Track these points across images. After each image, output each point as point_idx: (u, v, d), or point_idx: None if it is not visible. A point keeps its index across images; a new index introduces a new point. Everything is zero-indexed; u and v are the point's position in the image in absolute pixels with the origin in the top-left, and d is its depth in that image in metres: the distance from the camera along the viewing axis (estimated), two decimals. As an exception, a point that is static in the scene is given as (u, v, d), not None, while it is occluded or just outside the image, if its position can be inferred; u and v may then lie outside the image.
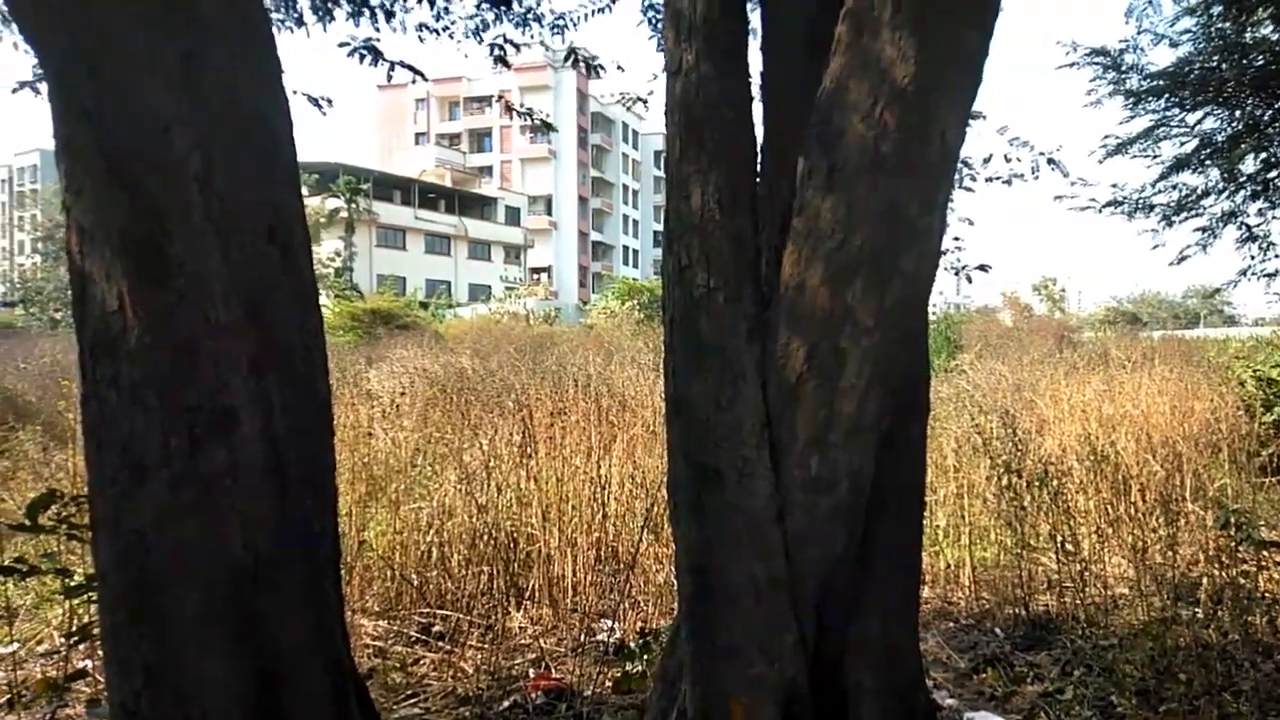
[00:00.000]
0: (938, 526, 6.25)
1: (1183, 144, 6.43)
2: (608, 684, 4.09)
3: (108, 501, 1.91)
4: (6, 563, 2.89)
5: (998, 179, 4.73)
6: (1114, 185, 6.75)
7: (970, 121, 2.73)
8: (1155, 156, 6.56)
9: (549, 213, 71.08)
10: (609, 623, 4.78)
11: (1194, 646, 4.23)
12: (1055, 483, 5.47)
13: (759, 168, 2.46)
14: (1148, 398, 8.58)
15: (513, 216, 67.75)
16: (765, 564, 2.32)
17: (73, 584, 2.78)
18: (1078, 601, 4.94)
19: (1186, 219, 6.89)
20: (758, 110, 2.48)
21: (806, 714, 2.37)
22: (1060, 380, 9.86)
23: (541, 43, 4.61)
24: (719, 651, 2.37)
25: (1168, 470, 6.60)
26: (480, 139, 72.71)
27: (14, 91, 4.35)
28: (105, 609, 1.98)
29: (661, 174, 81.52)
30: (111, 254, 1.85)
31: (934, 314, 25.05)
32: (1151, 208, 6.92)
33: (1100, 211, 6.92)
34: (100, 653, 3.93)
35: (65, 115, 1.90)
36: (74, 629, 2.84)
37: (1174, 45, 6.05)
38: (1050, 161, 4.73)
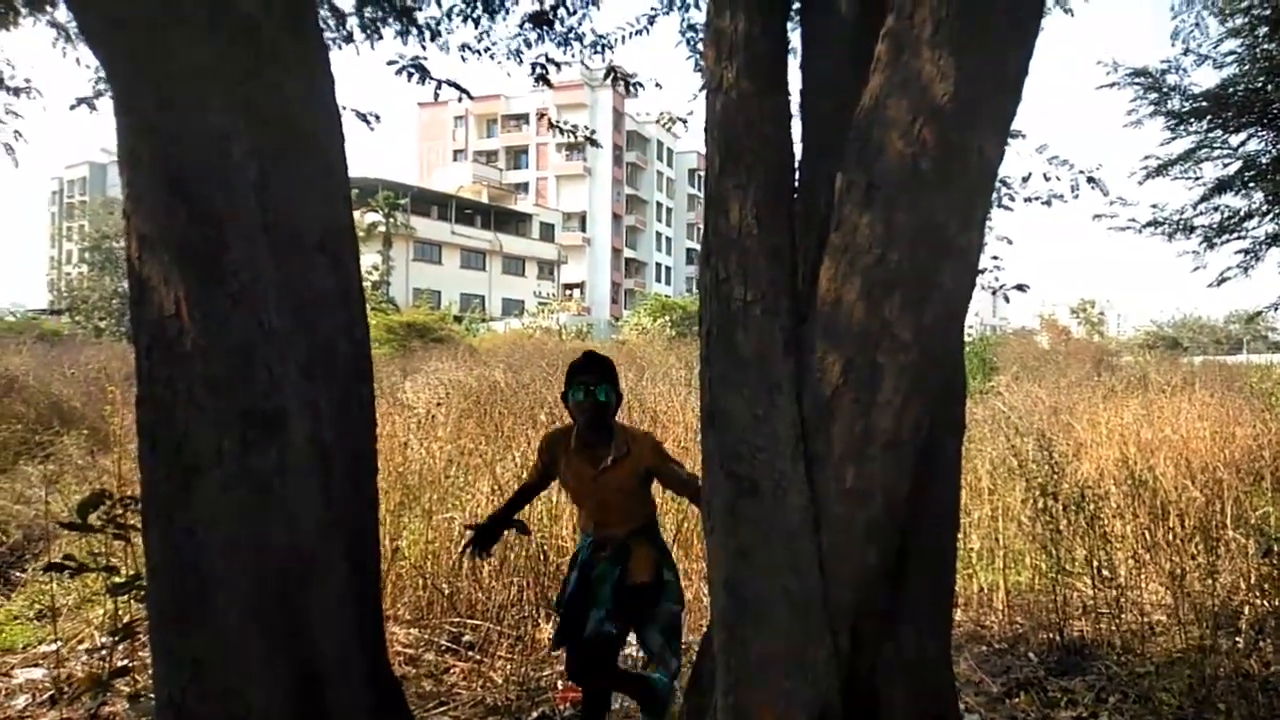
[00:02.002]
0: (971, 549, 6.19)
1: (1225, 165, 6.35)
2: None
3: (160, 499, 1.98)
4: (55, 560, 2.97)
5: (1037, 199, 4.69)
6: (1154, 206, 6.67)
7: (1009, 140, 2.74)
8: (1197, 178, 6.49)
9: (583, 229, 71.50)
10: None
11: (1234, 676, 4.15)
12: (1091, 507, 5.38)
13: (797, 184, 2.48)
14: (1187, 423, 8.42)
15: (547, 232, 68.27)
16: (799, 577, 2.33)
17: (118, 582, 2.85)
18: (1114, 628, 4.86)
19: (1228, 241, 6.79)
20: (796, 128, 2.51)
21: (838, 726, 2.37)
22: (1098, 404, 9.72)
23: (582, 62, 4.68)
24: (751, 664, 2.38)
25: (1207, 496, 6.46)
26: (517, 156, 73.45)
27: (72, 108, 4.52)
28: (154, 605, 2.04)
29: (696, 191, 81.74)
30: (169, 260, 1.92)
31: (969, 335, 24.81)
32: (1192, 229, 6.83)
33: (1140, 232, 6.84)
34: (142, 651, 4.03)
35: (129, 129, 1.98)
36: (118, 627, 2.92)
37: (1218, 66, 5.99)
38: (1090, 180, 4.67)
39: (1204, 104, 5.95)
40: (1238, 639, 4.55)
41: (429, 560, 5.41)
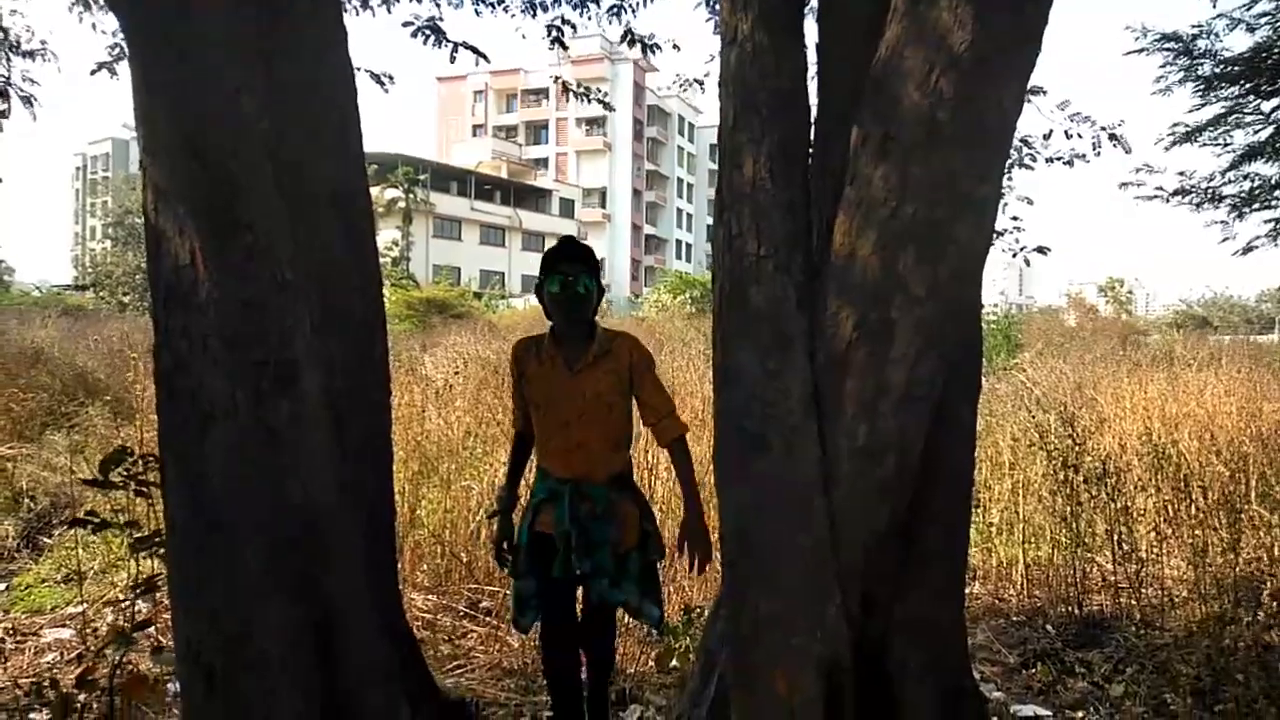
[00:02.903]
0: (991, 524, 6.16)
1: (1256, 132, 6.20)
2: (650, 662, 4.13)
3: (177, 447, 2.01)
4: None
5: (1059, 159, 4.60)
6: (1181, 174, 6.52)
7: (1030, 97, 2.67)
8: (1226, 145, 6.35)
9: (603, 205, 71.26)
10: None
11: (1254, 648, 4.11)
12: (1113, 480, 5.33)
13: (812, 138, 2.45)
14: (1214, 398, 8.31)
15: (567, 209, 68.11)
16: (809, 534, 2.33)
17: (140, 536, 2.89)
18: (1133, 602, 4.82)
19: (1257, 210, 6.64)
20: (812, 81, 2.48)
21: (849, 688, 2.37)
22: (1122, 378, 9.60)
23: (599, 25, 4.63)
24: (761, 621, 2.38)
25: (1232, 470, 6.38)
26: (537, 131, 73.18)
27: (92, 73, 4.53)
28: (173, 553, 2.08)
29: (715, 167, 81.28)
30: (184, 212, 1.93)
31: (995, 313, 24.55)
32: (1221, 198, 6.69)
33: (1168, 201, 6.70)
34: (164, 605, 4.12)
35: (145, 84, 1.99)
36: (140, 581, 2.96)
37: (1251, 30, 5.83)
38: (1112, 137, 4.56)
39: (1236, 68, 5.81)
40: (1259, 612, 4.50)
41: (447, 529, 5.45)
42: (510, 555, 2.91)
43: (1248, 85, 6.02)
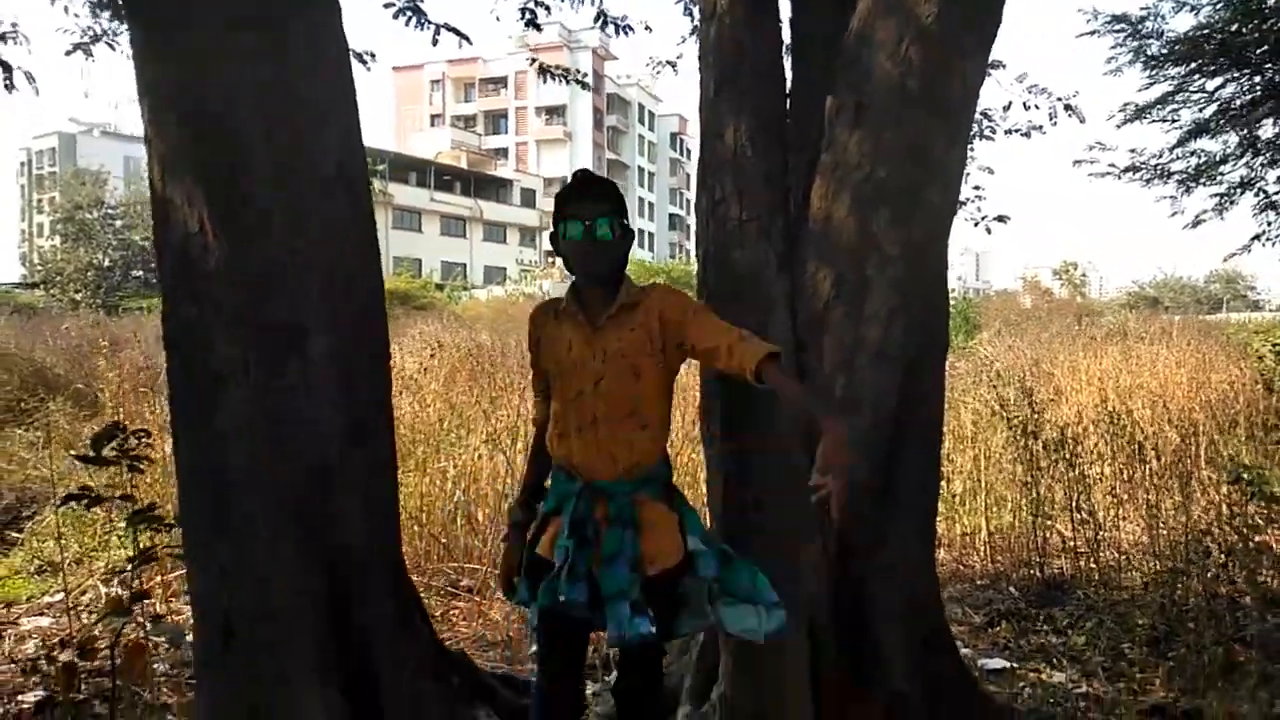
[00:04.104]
0: (954, 494, 6.34)
1: (1201, 110, 6.46)
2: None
3: (189, 411, 2.08)
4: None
5: (1017, 130, 4.81)
6: (1132, 151, 6.78)
7: (990, 70, 2.81)
8: (1173, 122, 6.60)
9: (564, 195, 71.06)
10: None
11: (1205, 597, 4.33)
12: (1071, 447, 5.53)
13: (788, 109, 2.58)
14: (1165, 369, 8.62)
15: (528, 199, 67.80)
16: (793, 482, 2.45)
17: (137, 509, 2.93)
18: (1092, 565, 5.01)
19: (1204, 184, 6.92)
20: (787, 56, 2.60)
21: (829, 628, 2.52)
22: (1078, 353, 9.91)
23: (572, 7, 4.71)
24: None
25: (1183, 436, 6.65)
26: (496, 120, 72.70)
27: (68, 54, 4.51)
28: (186, 512, 2.15)
29: (678, 155, 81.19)
30: (192, 182, 2.00)
31: (952, 296, 24.89)
32: (1170, 174, 6.95)
33: (1119, 177, 6.97)
34: (159, 577, 4.15)
35: (148, 57, 2.06)
36: (137, 553, 3.00)
37: (1194, 10, 6.08)
38: (1068, 108, 4.80)
39: (1181, 48, 6.05)
40: (1209, 565, 4.73)
41: (424, 511, 5.51)
42: (513, 583, 2.27)
43: (1193, 65, 6.26)
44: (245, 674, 2.08)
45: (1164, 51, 6.11)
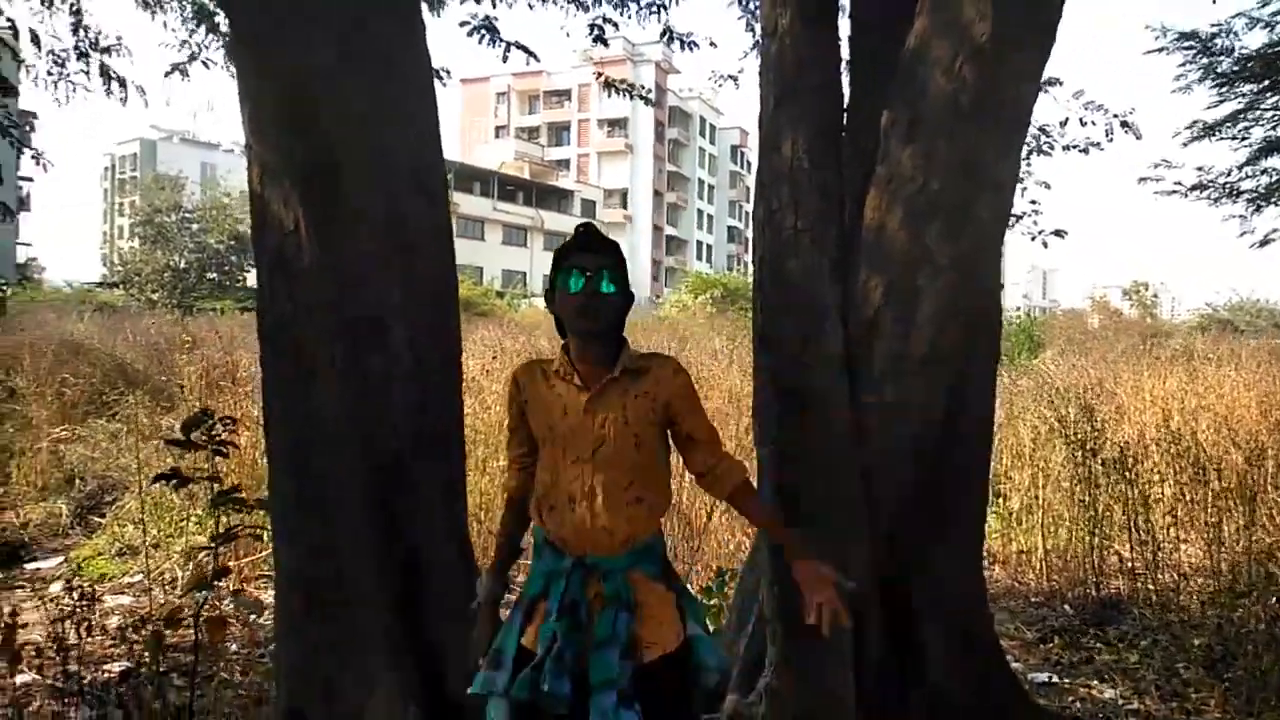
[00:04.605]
0: (1011, 511, 6.29)
1: (1273, 127, 6.34)
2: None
3: (280, 400, 2.26)
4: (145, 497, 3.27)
5: (1075, 147, 4.83)
6: (1199, 169, 6.67)
7: (1047, 87, 2.86)
8: (1244, 140, 6.49)
9: (624, 206, 71.58)
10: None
11: (1265, 621, 4.26)
12: (1132, 466, 5.45)
13: (845, 123, 2.68)
14: (1233, 391, 8.41)
15: (588, 210, 68.43)
16: (840, 484, 2.55)
17: (221, 490, 3.14)
18: (1149, 586, 4.92)
19: (1275, 204, 6.77)
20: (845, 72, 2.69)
21: (876, 625, 2.59)
22: (1142, 372, 9.71)
23: (639, 22, 4.86)
24: (796, 564, 2.60)
25: (1249, 458, 6.49)
26: (558, 132, 73.64)
27: (166, 75, 4.82)
28: (276, 491, 2.33)
29: (738, 168, 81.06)
30: (289, 185, 2.19)
31: (1017, 315, 24.50)
32: (1239, 192, 6.83)
33: (1185, 196, 6.86)
34: (233, 561, 4.39)
35: (253, 70, 2.26)
36: (220, 532, 3.21)
37: (1269, 27, 5.99)
38: (1124, 124, 4.79)
39: (1254, 66, 5.96)
40: (1272, 586, 4.63)
41: (483, 509, 5.67)
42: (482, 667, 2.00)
43: (1265, 82, 6.16)
44: (324, 643, 2.25)
45: (1235, 69, 6.03)
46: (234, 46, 2.35)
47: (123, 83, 4.87)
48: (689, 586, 4.29)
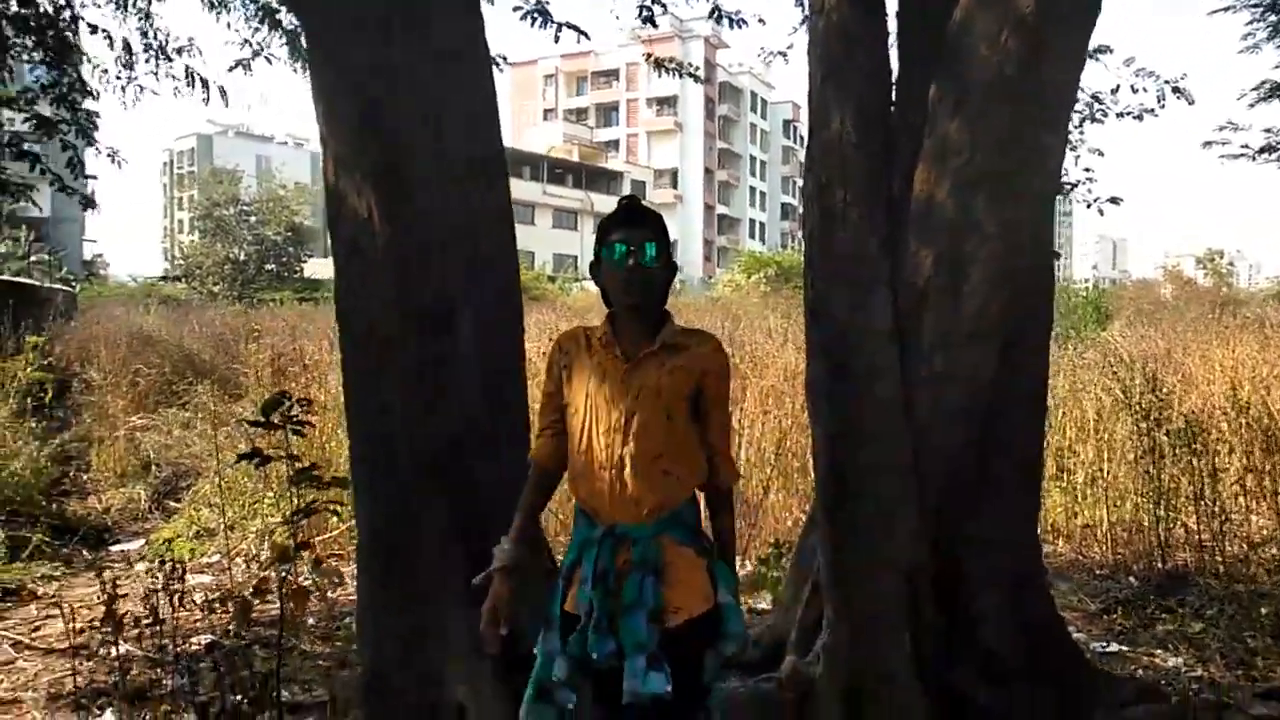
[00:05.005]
0: (1075, 485, 6.22)
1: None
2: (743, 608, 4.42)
3: (359, 379, 2.42)
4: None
5: (1129, 113, 4.77)
6: (1267, 130, 6.46)
7: (1097, 55, 2.85)
8: (1315, 99, 6.27)
9: (674, 186, 71.35)
10: (739, 558, 5.13)
11: (1334, 588, 4.20)
12: (1199, 436, 5.35)
13: (894, 98, 2.72)
14: (1307, 358, 8.16)
15: (638, 190, 68.33)
16: (891, 454, 2.62)
17: (300, 468, 3.33)
18: (1217, 558, 4.85)
19: (1349, 164, 6.54)
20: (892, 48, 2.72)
21: (927, 588, 2.66)
22: (1211, 342, 9.47)
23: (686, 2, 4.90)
24: (849, 529, 2.68)
25: (1323, 429, 6.31)
26: (607, 113, 73.62)
27: (229, 70, 5.04)
28: (357, 462, 2.51)
29: (791, 143, 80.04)
30: (361, 177, 2.33)
31: (1084, 286, 23.93)
32: (1311, 154, 6.61)
33: (1254, 159, 6.66)
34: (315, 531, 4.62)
35: (327, 69, 2.40)
36: (300, 508, 3.40)
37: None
38: (1175, 90, 4.72)
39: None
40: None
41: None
42: (499, 636, 2.05)
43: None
44: (404, 598, 2.43)
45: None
46: (308, 46, 2.49)
47: (205, 83, 5.09)
48: (746, 560, 4.30)
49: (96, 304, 20.56)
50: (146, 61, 5.19)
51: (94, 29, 4.78)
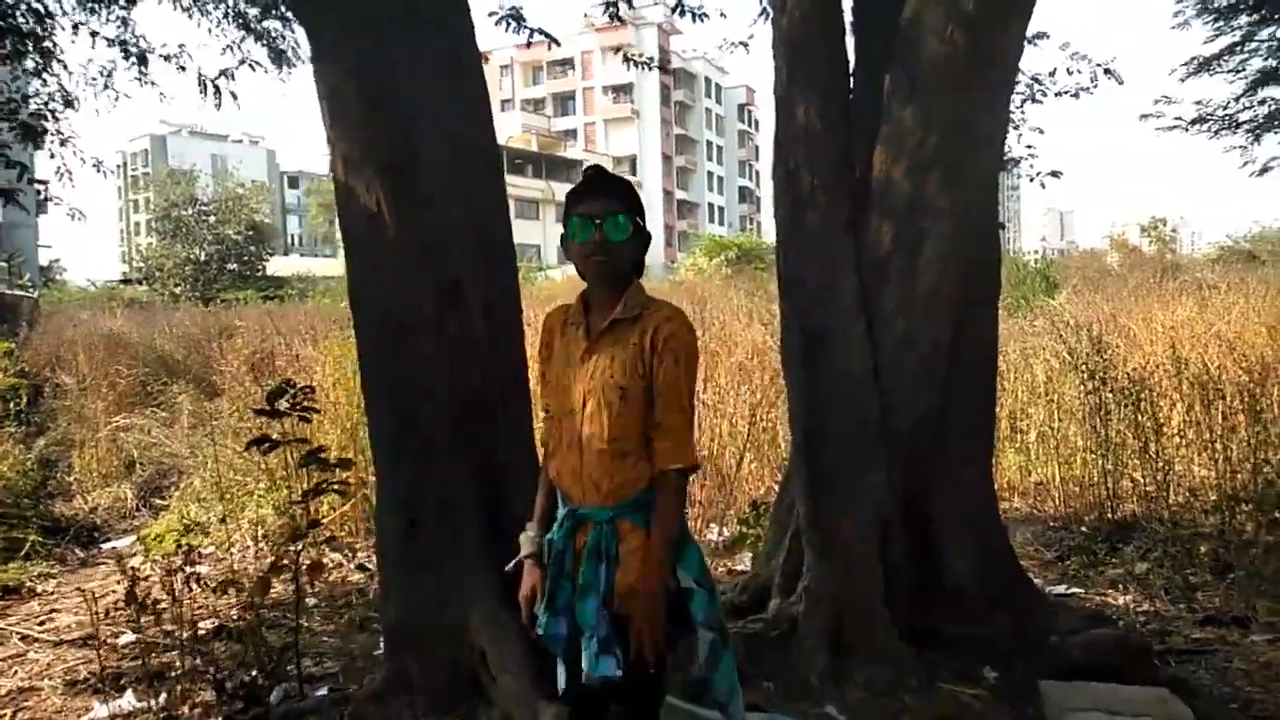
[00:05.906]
0: (1028, 445, 6.53)
1: (1270, 58, 6.50)
2: (722, 571, 4.67)
3: (376, 360, 2.63)
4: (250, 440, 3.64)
5: (1065, 92, 5.12)
6: (1198, 103, 6.85)
7: (1036, 41, 3.12)
8: (1240, 73, 6.67)
9: (633, 173, 71.30)
10: (715, 526, 5.39)
11: (1263, 523, 4.55)
12: (1141, 391, 5.65)
13: (851, 87, 2.98)
14: (1241, 317, 8.58)
15: (597, 178, 68.09)
16: (861, 413, 2.89)
17: (310, 449, 3.50)
18: (1161, 507, 5.17)
19: (1275, 132, 6.94)
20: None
21: (897, 531, 2.94)
22: (1152, 305, 9.88)
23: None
24: (824, 484, 2.96)
25: (1256, 382, 6.69)
26: (564, 102, 73.37)
27: (214, 80, 5.09)
28: (376, 437, 2.72)
29: (747, 127, 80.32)
30: (371, 172, 2.53)
31: (1033, 256, 24.43)
32: (1238, 124, 7.01)
33: (1187, 130, 7.05)
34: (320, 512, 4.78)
35: (334, 69, 2.59)
36: (310, 488, 3.58)
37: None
38: (1106, 71, 5.09)
39: None
40: (1270, 491, 4.88)
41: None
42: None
43: (1261, 13, 6.31)
44: (424, 565, 2.64)
45: (1231, 2, 6.19)
46: (313, 49, 2.67)
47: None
48: (720, 530, 4.40)
49: (58, 309, 20.25)
50: (137, 64, 5.22)
51: (76, 27, 4.81)
